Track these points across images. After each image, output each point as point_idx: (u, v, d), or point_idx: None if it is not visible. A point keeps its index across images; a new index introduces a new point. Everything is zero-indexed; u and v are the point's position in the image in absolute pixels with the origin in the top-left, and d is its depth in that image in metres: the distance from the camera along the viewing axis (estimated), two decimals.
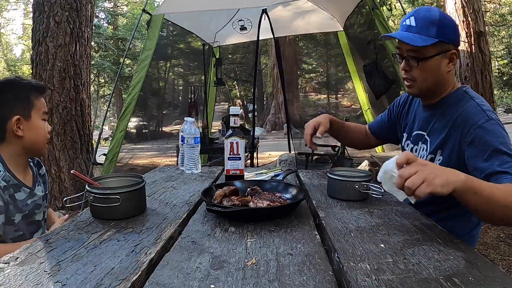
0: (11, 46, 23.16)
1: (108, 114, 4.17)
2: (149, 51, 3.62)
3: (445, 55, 1.10)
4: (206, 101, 4.81)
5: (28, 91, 1.21)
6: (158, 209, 1.00)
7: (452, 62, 1.12)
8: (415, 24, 1.10)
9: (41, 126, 1.22)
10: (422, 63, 1.10)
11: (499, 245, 2.91)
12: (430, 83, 1.13)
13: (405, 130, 1.36)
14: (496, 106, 3.87)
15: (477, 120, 1.03)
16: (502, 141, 0.99)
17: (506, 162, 0.96)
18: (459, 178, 0.80)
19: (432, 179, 0.76)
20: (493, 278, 0.59)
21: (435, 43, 1.07)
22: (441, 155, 1.13)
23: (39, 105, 1.22)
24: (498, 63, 15.47)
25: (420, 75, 1.13)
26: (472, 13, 3.55)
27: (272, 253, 0.70)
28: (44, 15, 4.06)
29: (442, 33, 1.07)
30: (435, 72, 1.11)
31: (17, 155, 1.21)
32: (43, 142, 1.24)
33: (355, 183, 1.05)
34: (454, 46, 1.11)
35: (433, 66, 1.10)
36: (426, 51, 1.08)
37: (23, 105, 1.19)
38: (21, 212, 1.18)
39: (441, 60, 1.10)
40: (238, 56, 15.09)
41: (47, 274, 0.61)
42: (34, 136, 1.21)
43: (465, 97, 1.13)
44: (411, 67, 1.13)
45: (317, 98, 15.95)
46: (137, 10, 17.81)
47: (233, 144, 1.22)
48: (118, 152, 3.51)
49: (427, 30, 1.07)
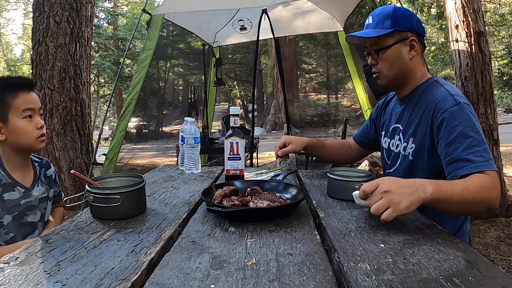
0: (11, 46, 23.17)
1: (108, 114, 4.17)
2: (149, 51, 3.61)
3: (404, 43, 1.18)
4: (206, 101, 4.81)
5: (3, 93, 1.17)
6: (158, 209, 1.00)
7: (414, 49, 1.19)
8: (372, 21, 1.21)
9: (21, 126, 1.18)
10: (381, 53, 1.19)
11: (499, 245, 2.90)
12: (395, 71, 1.20)
13: (383, 129, 1.41)
14: (496, 106, 3.86)
15: (445, 104, 1.08)
16: (469, 124, 1.03)
17: (470, 147, 1.00)
18: (425, 195, 0.84)
19: (396, 204, 0.80)
20: (493, 278, 0.59)
21: (391, 32, 1.16)
22: (413, 143, 1.18)
23: (17, 104, 1.17)
24: (498, 63, 15.46)
25: (383, 65, 1.21)
26: (472, 13, 3.54)
27: (272, 253, 0.70)
28: (44, 15, 4.06)
29: (397, 23, 1.16)
30: (397, 60, 1.19)
31: (10, 155, 1.21)
32: (30, 140, 1.20)
33: (355, 183, 1.05)
34: (411, 34, 1.18)
35: (394, 54, 1.18)
36: (383, 41, 1.18)
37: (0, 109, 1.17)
38: (9, 213, 1.16)
39: (401, 48, 1.18)
40: (238, 56, 15.09)
41: (47, 274, 0.61)
42: (16, 137, 1.18)
43: (435, 85, 1.18)
44: (376, 60, 1.21)
45: (317, 98, 15.95)
46: (137, 10, 17.82)
47: (233, 144, 1.22)
48: (118, 152, 3.51)
49: (382, 24, 1.18)
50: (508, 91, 15.59)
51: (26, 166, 1.27)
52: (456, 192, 0.89)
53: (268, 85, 15.34)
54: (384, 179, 0.85)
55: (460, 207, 0.91)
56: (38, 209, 1.27)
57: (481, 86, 3.47)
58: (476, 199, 0.91)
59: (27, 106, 1.19)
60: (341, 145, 1.59)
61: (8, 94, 1.17)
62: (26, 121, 1.19)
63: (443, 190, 0.87)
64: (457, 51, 3.65)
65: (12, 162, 1.21)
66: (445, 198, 0.87)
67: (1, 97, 1.17)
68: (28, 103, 1.20)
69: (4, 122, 1.17)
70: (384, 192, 0.81)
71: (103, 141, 9.73)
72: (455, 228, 1.18)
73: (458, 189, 0.90)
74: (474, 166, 0.96)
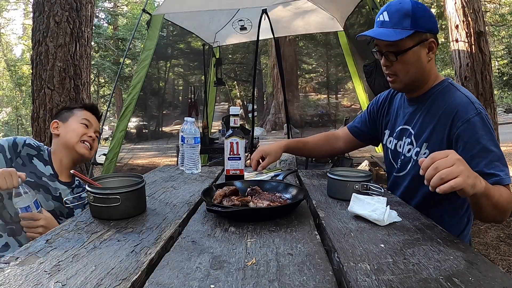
0: (11, 46, 23.15)
1: (108, 114, 4.17)
2: (149, 51, 3.61)
3: (423, 44, 1.09)
4: (206, 101, 4.81)
5: (74, 107, 1.45)
6: (158, 209, 1.00)
7: (432, 51, 1.11)
8: (389, 18, 1.09)
9: (73, 126, 1.39)
10: (400, 56, 1.10)
11: (499, 245, 2.91)
12: (413, 75, 1.13)
13: (387, 127, 1.35)
14: (496, 106, 3.86)
15: (466, 113, 1.04)
16: (490, 138, 1.01)
17: (492, 161, 0.99)
18: (481, 184, 0.83)
19: (466, 177, 0.76)
20: (493, 278, 0.59)
21: (411, 34, 1.06)
22: (426, 148, 1.13)
23: (79, 114, 1.42)
24: (498, 63, 15.46)
25: (401, 69, 1.12)
26: (472, 13, 3.54)
27: (272, 253, 0.70)
28: (44, 15, 4.06)
29: (417, 24, 1.06)
30: (416, 64, 1.11)
31: (59, 150, 1.38)
32: (74, 138, 1.36)
33: (355, 183, 1.05)
34: (431, 35, 1.10)
35: (413, 57, 1.10)
36: (403, 44, 1.07)
37: (66, 114, 1.43)
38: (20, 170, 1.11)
39: (420, 51, 1.09)
40: (238, 56, 15.09)
41: (47, 274, 0.61)
42: (66, 133, 1.38)
43: (451, 89, 1.13)
44: (391, 62, 1.12)
45: (317, 98, 15.94)
46: (137, 10, 17.82)
47: (233, 144, 1.22)
48: (118, 152, 3.51)
49: (402, 23, 1.07)
50: (508, 91, 15.59)
51: (67, 169, 1.38)
52: (495, 195, 0.91)
53: (268, 85, 15.34)
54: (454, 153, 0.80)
55: (492, 210, 0.92)
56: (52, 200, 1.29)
57: (481, 86, 3.47)
58: (504, 207, 0.94)
59: (87, 117, 1.43)
60: (325, 139, 1.52)
61: (78, 108, 1.45)
62: (81, 125, 1.40)
63: (490, 188, 0.88)
64: (457, 51, 3.65)
65: (59, 157, 1.37)
66: (488, 196, 0.88)
67: (71, 108, 1.45)
68: (89, 117, 1.43)
69: (63, 121, 1.41)
70: (458, 160, 0.77)
71: (103, 141, 9.73)
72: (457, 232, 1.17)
73: (497, 193, 0.91)
74: (499, 179, 0.97)
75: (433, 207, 1.14)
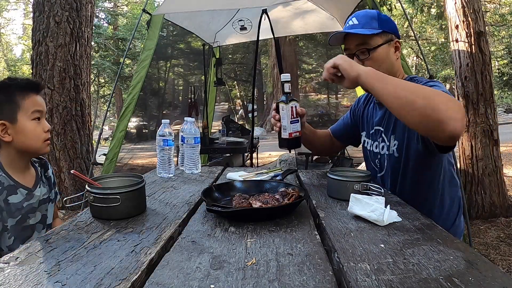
0: (11, 46, 23.17)
1: (108, 114, 4.17)
2: (149, 51, 3.61)
3: (390, 44, 1.21)
4: (206, 101, 4.81)
5: (12, 93, 1.15)
6: (158, 209, 1.00)
7: (398, 50, 1.24)
8: (358, 22, 1.22)
9: (30, 128, 1.16)
10: (372, 52, 1.19)
11: (499, 245, 2.91)
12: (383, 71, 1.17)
13: (363, 129, 1.41)
14: (496, 106, 3.87)
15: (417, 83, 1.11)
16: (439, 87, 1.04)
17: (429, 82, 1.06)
18: (364, 67, 1.02)
19: (341, 60, 1.05)
20: (493, 278, 0.59)
21: (380, 33, 1.19)
22: (395, 139, 1.21)
23: (26, 105, 1.15)
24: (498, 63, 15.46)
25: (372, 66, 1.17)
26: (472, 13, 3.54)
27: (272, 253, 0.70)
28: (44, 15, 4.07)
29: (383, 25, 1.20)
30: (386, 60, 1.21)
31: (14, 158, 1.18)
32: (38, 143, 1.18)
33: (355, 183, 1.05)
34: (396, 36, 1.23)
35: (383, 54, 1.20)
36: (373, 41, 1.19)
37: (8, 108, 1.14)
38: (13, 217, 1.14)
39: (388, 49, 1.21)
40: (238, 56, 15.09)
41: (47, 274, 0.61)
42: (24, 139, 1.16)
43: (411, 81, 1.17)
44: (362, 60, 1.21)
45: (317, 98, 15.94)
46: (137, 10, 17.83)
47: (293, 108, 1.20)
48: (118, 152, 3.51)
49: (370, 24, 1.20)
50: (508, 91, 15.59)
51: (27, 168, 1.25)
52: (394, 79, 0.99)
53: (268, 85, 15.34)
54: None
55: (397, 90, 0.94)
56: (38, 210, 1.25)
57: (481, 86, 3.47)
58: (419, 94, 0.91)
59: (36, 108, 1.18)
60: (325, 136, 1.55)
61: (17, 94, 1.15)
62: (35, 123, 1.17)
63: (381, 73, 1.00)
64: (457, 51, 3.65)
65: (15, 165, 1.19)
66: (379, 78, 0.99)
67: (10, 96, 1.15)
68: (37, 105, 1.18)
69: (12, 122, 1.14)
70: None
71: (103, 141, 9.74)
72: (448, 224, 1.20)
73: (397, 79, 0.99)
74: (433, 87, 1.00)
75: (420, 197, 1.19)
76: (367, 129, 1.38)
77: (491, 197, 3.54)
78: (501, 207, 3.56)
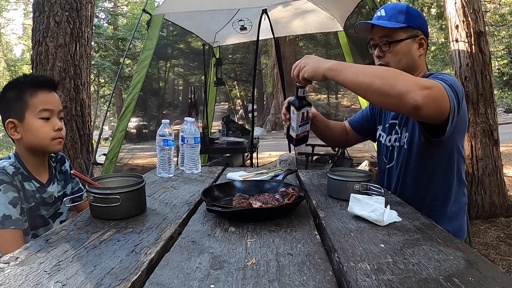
0: (11, 46, 23.17)
1: (108, 114, 4.17)
2: (149, 51, 3.61)
3: (414, 39, 1.20)
4: (206, 101, 4.81)
5: (22, 91, 1.15)
6: (158, 209, 1.00)
7: (422, 47, 1.22)
8: (385, 14, 1.22)
9: (36, 127, 1.15)
10: (393, 46, 1.19)
11: (499, 245, 2.91)
12: (403, 66, 1.20)
13: (380, 123, 1.42)
14: (496, 106, 3.87)
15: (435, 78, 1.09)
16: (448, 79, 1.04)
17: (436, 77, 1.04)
18: (326, 64, 1.03)
19: (304, 67, 1.08)
20: (493, 278, 0.59)
21: (405, 27, 1.18)
22: (406, 132, 1.22)
23: (34, 103, 1.14)
24: (498, 63, 15.46)
25: (392, 59, 1.21)
26: (472, 13, 3.54)
27: (272, 253, 0.70)
28: (44, 15, 4.06)
29: (410, 20, 1.19)
30: (407, 55, 1.20)
31: (25, 154, 1.19)
32: (44, 141, 1.17)
33: (355, 183, 1.05)
34: (422, 33, 1.21)
35: (404, 49, 1.19)
36: (396, 35, 1.19)
37: (17, 106, 1.15)
38: (28, 202, 1.14)
39: (411, 44, 1.20)
40: (238, 56, 15.09)
41: (47, 274, 0.61)
42: (31, 137, 1.16)
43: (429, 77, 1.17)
44: (384, 52, 1.22)
45: (317, 98, 15.94)
46: (137, 10, 17.83)
47: (304, 114, 1.22)
48: (118, 152, 3.51)
49: (396, 17, 1.19)
50: (508, 91, 15.59)
51: (42, 165, 1.25)
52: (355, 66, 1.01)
53: (268, 85, 15.34)
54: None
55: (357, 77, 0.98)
56: (52, 207, 1.24)
57: (481, 86, 3.47)
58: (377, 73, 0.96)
59: (45, 106, 1.16)
60: (340, 127, 1.56)
61: (27, 92, 1.15)
62: (42, 121, 1.16)
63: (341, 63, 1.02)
64: (457, 51, 3.65)
65: (28, 161, 1.19)
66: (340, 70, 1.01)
67: (19, 94, 1.15)
68: (46, 103, 1.17)
69: (20, 120, 1.15)
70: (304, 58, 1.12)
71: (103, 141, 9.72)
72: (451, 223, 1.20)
73: (360, 66, 1.01)
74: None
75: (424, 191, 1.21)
76: (383, 123, 1.38)
77: (491, 197, 3.54)
78: (501, 207, 3.56)
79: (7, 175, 1.08)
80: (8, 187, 1.06)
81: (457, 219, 1.23)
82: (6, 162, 1.13)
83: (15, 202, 1.06)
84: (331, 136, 1.51)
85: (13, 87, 1.17)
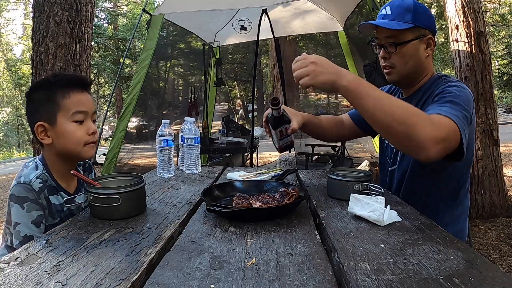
0: (11, 46, 23.16)
1: (108, 114, 4.17)
2: (149, 51, 3.62)
3: (422, 40, 1.14)
4: (206, 101, 4.81)
5: (53, 92, 1.05)
6: (158, 209, 1.00)
7: (430, 47, 1.17)
8: (391, 12, 1.15)
9: (70, 130, 1.05)
10: (400, 47, 1.14)
11: (499, 245, 2.91)
12: (410, 68, 1.16)
13: None
14: (496, 106, 3.87)
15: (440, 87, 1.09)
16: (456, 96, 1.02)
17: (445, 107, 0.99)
18: (342, 80, 0.92)
19: (315, 76, 0.92)
20: (493, 278, 0.59)
21: (412, 28, 1.11)
22: None
23: (68, 105, 1.05)
24: (498, 63, 15.46)
25: (399, 61, 1.16)
26: (472, 13, 3.54)
27: (272, 253, 0.70)
28: (44, 15, 4.06)
29: (417, 19, 1.12)
30: (414, 57, 1.15)
31: (55, 161, 1.09)
32: (78, 147, 1.07)
33: (355, 183, 1.05)
34: (430, 32, 1.15)
35: (411, 50, 1.14)
36: (403, 36, 1.12)
37: (48, 108, 1.05)
38: (53, 218, 1.05)
39: (418, 45, 1.14)
40: (238, 56, 15.09)
41: (47, 274, 0.61)
42: (64, 142, 1.06)
43: (438, 80, 1.16)
44: (389, 53, 1.16)
45: (317, 98, 15.94)
46: (137, 10, 17.82)
47: (282, 131, 1.21)
48: (118, 152, 3.51)
49: (403, 17, 1.12)
50: (508, 91, 15.60)
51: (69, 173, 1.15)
52: (376, 95, 0.91)
53: (268, 85, 15.33)
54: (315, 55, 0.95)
55: (375, 112, 0.90)
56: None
57: (481, 86, 3.47)
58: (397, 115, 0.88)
59: (79, 108, 1.06)
60: (335, 122, 1.49)
61: (59, 92, 1.05)
62: (76, 125, 1.06)
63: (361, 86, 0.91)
64: (457, 51, 3.65)
65: (58, 167, 1.10)
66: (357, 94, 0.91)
67: (50, 95, 1.05)
68: (80, 105, 1.07)
69: (51, 124, 1.05)
70: (311, 63, 0.93)
71: (103, 141, 9.73)
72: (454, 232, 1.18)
73: (381, 95, 0.91)
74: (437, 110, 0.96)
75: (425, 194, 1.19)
76: None
77: (491, 197, 3.54)
78: (501, 207, 3.56)
79: (33, 192, 0.99)
80: (32, 205, 0.98)
81: (458, 222, 1.21)
82: (33, 175, 1.02)
83: (39, 221, 0.99)
84: (324, 135, 1.46)
85: (42, 87, 1.08)
